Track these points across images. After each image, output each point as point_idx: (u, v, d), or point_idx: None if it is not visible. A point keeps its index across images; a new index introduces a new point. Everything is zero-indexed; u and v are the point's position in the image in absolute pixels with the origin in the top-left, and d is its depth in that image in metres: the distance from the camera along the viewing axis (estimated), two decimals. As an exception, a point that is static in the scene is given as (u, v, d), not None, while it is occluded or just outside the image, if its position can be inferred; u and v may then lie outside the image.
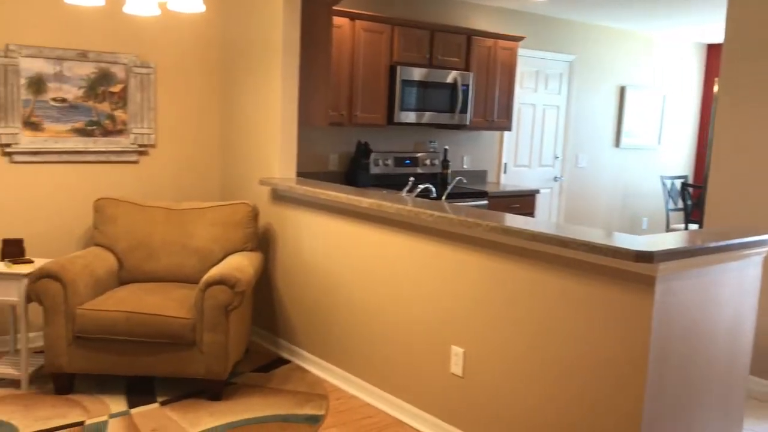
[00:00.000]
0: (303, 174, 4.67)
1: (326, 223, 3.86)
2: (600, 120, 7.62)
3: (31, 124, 4.08)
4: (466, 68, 5.85)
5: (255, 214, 4.13)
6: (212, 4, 4.62)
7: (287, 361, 4.14)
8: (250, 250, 4.09)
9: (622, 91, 7.73)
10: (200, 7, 2.78)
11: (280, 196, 4.24)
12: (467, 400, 3.10)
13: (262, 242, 4.37)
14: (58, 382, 3.52)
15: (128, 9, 2.93)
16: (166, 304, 3.52)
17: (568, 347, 2.66)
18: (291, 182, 4.09)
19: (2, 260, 3.71)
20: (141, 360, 3.48)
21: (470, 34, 5.85)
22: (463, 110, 5.78)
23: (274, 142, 4.27)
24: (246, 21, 4.46)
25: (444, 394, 3.22)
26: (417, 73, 5.45)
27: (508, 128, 6.33)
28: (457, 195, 5.52)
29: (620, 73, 7.69)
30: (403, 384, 3.43)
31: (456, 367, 3.14)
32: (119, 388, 3.61)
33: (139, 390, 3.60)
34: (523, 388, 2.85)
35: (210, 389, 3.53)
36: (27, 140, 4.07)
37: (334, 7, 4.68)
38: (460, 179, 4.73)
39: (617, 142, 7.80)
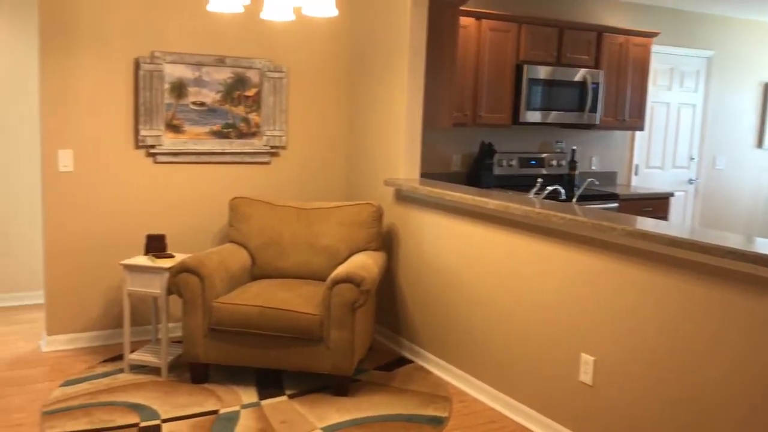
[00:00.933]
0: (426, 175, 4.68)
1: (450, 224, 3.84)
2: (741, 119, 7.13)
3: (173, 127, 4.32)
4: (596, 66, 5.65)
5: (379, 214, 4.17)
6: (342, 7, 4.72)
7: (409, 361, 4.15)
8: (374, 250, 4.14)
9: (767, 88, 7.21)
10: (333, 11, 2.84)
11: (403, 197, 4.26)
12: (596, 411, 2.99)
13: (386, 242, 4.41)
14: (194, 371, 3.71)
15: (265, 15, 3.04)
16: (296, 300, 3.63)
17: (707, 358, 2.50)
18: (415, 183, 4.10)
19: (146, 254, 3.96)
20: (271, 353, 3.60)
21: (601, 31, 5.64)
22: (593, 109, 5.59)
23: (398, 143, 4.31)
24: (373, 23, 4.53)
25: (571, 402, 3.11)
26: (544, 72, 5.32)
27: (641, 128, 6.05)
28: (586, 197, 5.34)
29: (764, 69, 7.17)
30: (528, 390, 3.36)
31: (585, 375, 3.03)
32: (250, 380, 3.75)
33: (269, 382, 3.74)
34: (658, 400, 2.71)
35: (336, 385, 3.61)
36: (169, 142, 4.32)
37: (461, 8, 4.66)
38: (591, 181, 4.57)
39: (760, 143, 7.28)
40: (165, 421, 3.25)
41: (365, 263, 3.73)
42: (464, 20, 4.95)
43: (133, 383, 3.68)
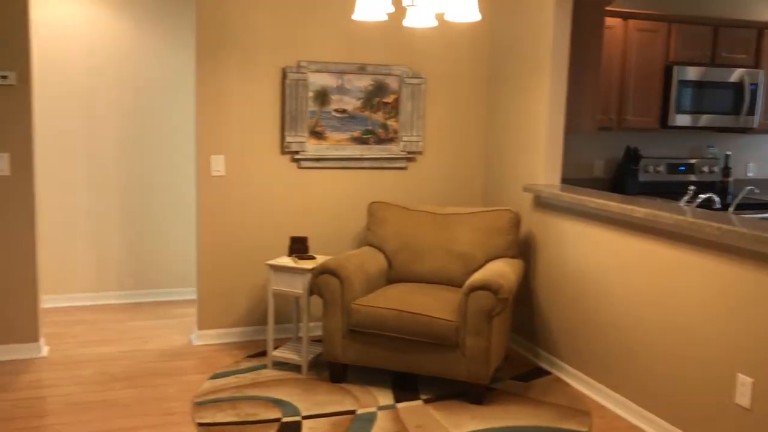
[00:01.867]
0: (566, 180, 4.54)
1: (592, 233, 3.70)
2: None
3: (316, 133, 4.47)
4: (756, 65, 5.25)
5: (517, 221, 4.10)
6: (483, 12, 4.69)
7: (547, 372, 4.05)
8: (511, 257, 4.07)
9: None
10: (476, 16, 2.83)
11: (543, 203, 4.16)
12: (756, 437, 2.77)
13: (523, 249, 4.33)
14: (333, 370, 3.81)
15: (407, 22, 3.07)
16: (432, 305, 3.64)
17: None
18: (555, 189, 3.99)
19: (290, 255, 4.12)
20: (407, 357, 3.63)
21: (762, 28, 5.24)
22: (750, 112, 5.20)
23: (538, 148, 4.21)
24: (514, 26, 4.46)
25: (725, 426, 2.90)
26: (695, 73, 5.02)
27: (806, 131, 5.56)
28: (743, 206, 4.97)
29: None
30: (675, 409, 3.17)
31: (742, 398, 2.81)
32: (386, 382, 3.80)
33: (404, 386, 3.77)
34: (831, 431, 2.46)
35: (471, 392, 3.57)
36: (312, 148, 4.47)
37: (606, 8, 4.49)
38: (750, 189, 4.25)
39: None
40: (305, 417, 3.36)
41: (503, 271, 3.68)
42: (610, 21, 4.76)
43: (275, 379, 3.83)
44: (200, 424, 3.26)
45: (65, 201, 5.08)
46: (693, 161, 5.49)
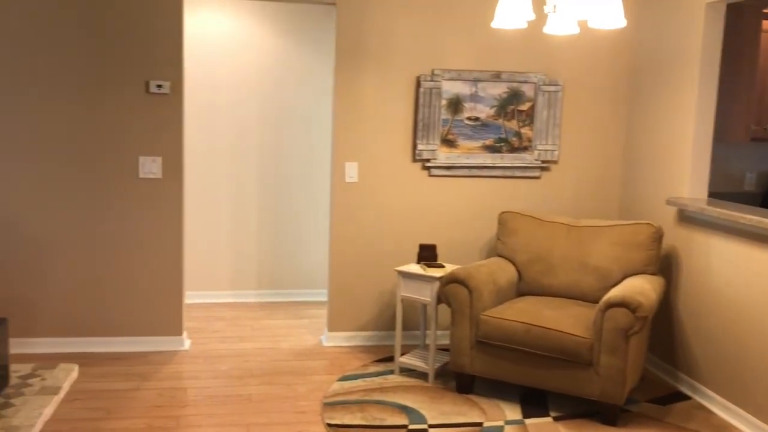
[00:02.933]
0: (713, 194, 4.26)
1: (746, 251, 3.45)
2: None
3: (447, 142, 4.46)
4: None
5: (659, 236, 3.89)
6: (628, 17, 4.50)
7: (687, 397, 3.81)
8: (651, 274, 3.87)
9: None
10: (621, 23, 2.71)
11: (687, 218, 3.93)
12: None
13: (664, 266, 4.10)
14: (460, 380, 3.78)
15: (548, 29, 3.00)
16: (564, 320, 3.52)
17: None
18: (702, 203, 3.76)
19: (418, 263, 4.13)
20: (536, 372, 3.54)
21: None
22: None
23: (683, 160, 3.99)
24: (659, 32, 4.25)
25: None
26: None
27: None
28: None
29: None
30: (839, 449, 2.88)
31: None
32: (513, 396, 3.72)
33: (532, 401, 3.67)
34: None
35: (604, 412, 3.43)
36: (443, 156, 4.47)
37: (764, 10, 4.18)
38: None
39: None
40: (432, 426, 3.35)
41: (642, 288, 3.50)
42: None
43: (402, 385, 3.85)
44: (329, 425, 3.33)
45: (209, 203, 5.37)
46: None
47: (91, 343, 4.24)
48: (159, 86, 4.12)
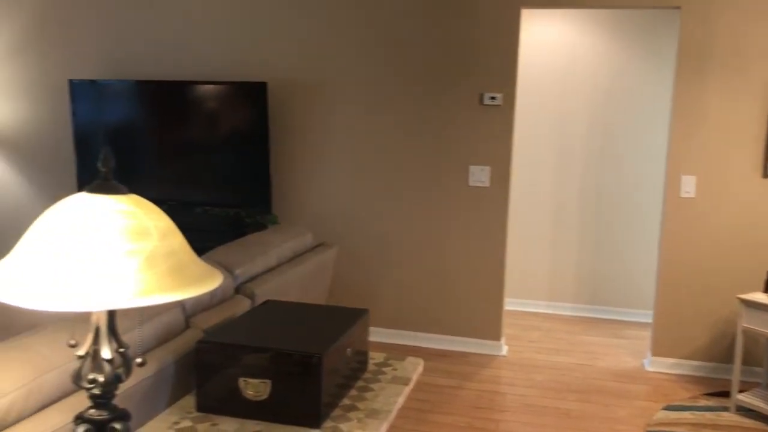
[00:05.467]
0: None
1: None
2: None
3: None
4: None
5: None
6: None
7: None
8: None
9: None
10: None
11: None
12: None
13: None
14: (813, 431, 3.27)
15: None
16: None
17: None
18: None
19: (765, 291, 3.67)
20: None
21: None
22: None
23: None
24: None
25: None
26: None
27: None
28: None
29: None
30: None
31: None
32: None
33: None
34: None
35: None
36: (802, 171, 3.92)
37: None
38: None
39: None
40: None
41: None
42: None
43: (738, 425, 3.46)
44: (654, 456, 3.13)
45: (531, 212, 5.42)
46: None
47: (418, 337, 4.56)
48: (492, 98, 4.27)
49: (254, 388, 1.77)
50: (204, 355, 1.81)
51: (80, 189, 4.81)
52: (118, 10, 4.82)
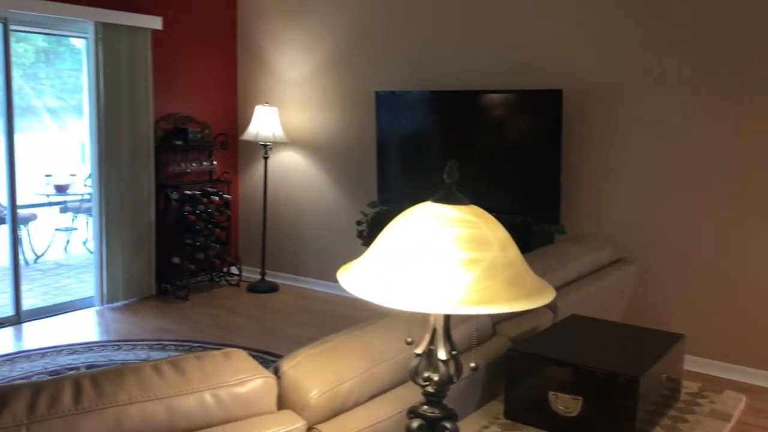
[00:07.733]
0: None
1: None
2: None
3: None
4: None
5: None
6: None
7: None
8: None
9: None
10: None
11: None
12: None
13: None
14: None
15: None
16: None
17: None
18: None
19: None
20: None
21: None
22: None
23: None
24: None
25: None
26: None
27: None
28: None
29: None
30: None
31: None
32: None
33: None
34: None
35: None
36: None
37: None
38: None
39: None
40: None
41: None
42: None
43: None
44: None
45: None
46: None
47: (743, 372, 4.11)
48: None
49: (565, 404, 1.74)
50: (514, 364, 1.83)
51: (380, 193, 5.18)
52: (416, 28, 5.11)
